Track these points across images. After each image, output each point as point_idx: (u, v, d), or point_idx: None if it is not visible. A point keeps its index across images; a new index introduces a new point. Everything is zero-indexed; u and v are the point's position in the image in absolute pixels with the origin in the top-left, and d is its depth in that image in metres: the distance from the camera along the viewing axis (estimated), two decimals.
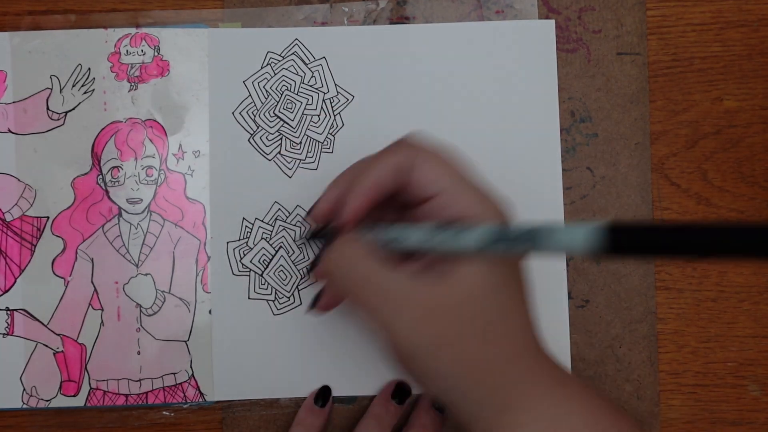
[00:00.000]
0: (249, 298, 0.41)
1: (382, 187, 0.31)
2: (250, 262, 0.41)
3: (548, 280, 0.41)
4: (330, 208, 0.33)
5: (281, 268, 0.41)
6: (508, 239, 0.28)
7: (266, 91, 0.42)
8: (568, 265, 0.41)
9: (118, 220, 0.41)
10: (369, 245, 0.31)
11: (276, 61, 0.42)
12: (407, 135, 0.33)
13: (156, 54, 0.41)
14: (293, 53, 0.42)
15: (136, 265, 0.41)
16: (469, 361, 0.29)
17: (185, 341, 0.41)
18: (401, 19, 0.42)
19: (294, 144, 0.42)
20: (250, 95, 0.42)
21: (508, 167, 0.42)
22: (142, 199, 0.41)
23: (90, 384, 0.41)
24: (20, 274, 0.41)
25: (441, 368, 0.29)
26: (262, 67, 0.42)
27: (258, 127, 0.42)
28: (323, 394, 0.41)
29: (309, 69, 0.42)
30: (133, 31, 0.41)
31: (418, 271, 0.30)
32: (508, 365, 0.30)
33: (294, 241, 0.41)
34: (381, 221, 0.33)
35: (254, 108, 0.42)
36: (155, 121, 0.41)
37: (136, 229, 0.41)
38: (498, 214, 0.30)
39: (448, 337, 0.29)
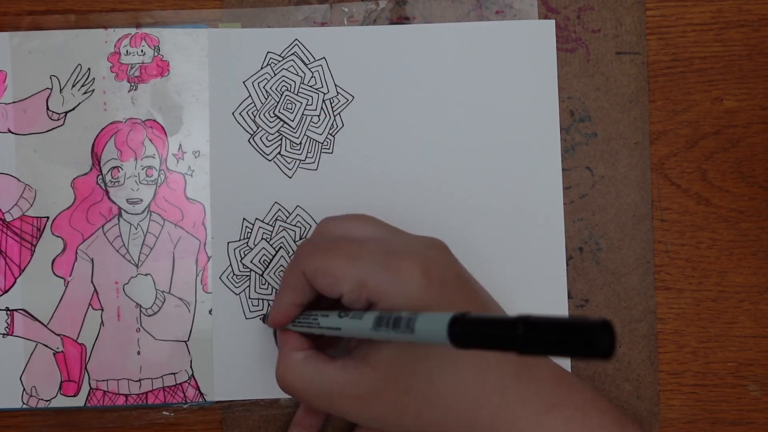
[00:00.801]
0: (249, 298, 0.41)
1: (300, 289, 0.33)
2: (251, 262, 0.41)
3: (548, 280, 0.41)
4: (279, 318, 0.35)
5: (282, 268, 0.41)
6: (387, 325, 0.28)
7: (266, 91, 0.42)
8: (567, 264, 0.41)
9: (118, 221, 0.41)
10: (299, 353, 0.34)
11: (276, 62, 0.42)
12: (300, 245, 0.34)
13: (156, 54, 0.41)
14: (293, 53, 0.42)
15: (136, 265, 0.41)
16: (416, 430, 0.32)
17: (185, 341, 0.41)
18: (401, 20, 0.42)
19: (294, 144, 0.42)
20: (250, 95, 0.42)
21: (508, 167, 0.42)
22: (142, 200, 0.41)
23: (90, 384, 0.41)
24: (20, 274, 0.41)
25: None
26: (262, 68, 0.42)
27: (258, 128, 0.42)
28: None
29: (309, 69, 0.42)
30: (133, 31, 0.41)
31: (346, 362, 0.32)
32: (470, 416, 0.31)
33: (294, 241, 0.42)
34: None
35: (254, 108, 0.42)
36: (155, 121, 0.41)
37: (136, 229, 0.41)
38: (406, 282, 0.31)
39: (385, 417, 0.32)
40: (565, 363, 0.40)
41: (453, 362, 0.31)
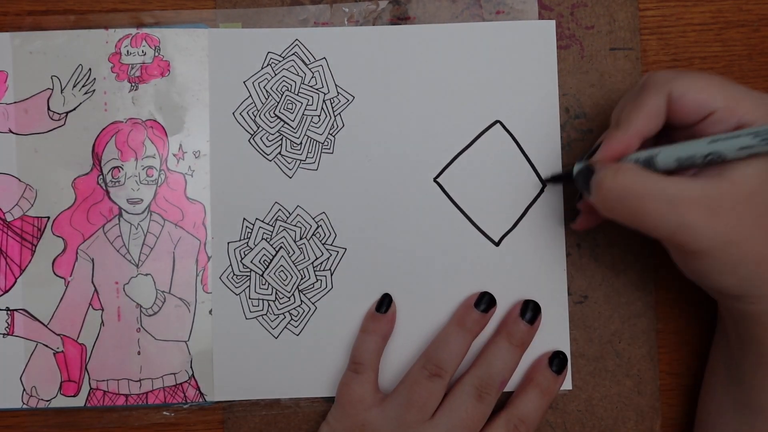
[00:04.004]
0: (249, 298, 0.41)
1: (655, 117, 0.33)
2: (251, 262, 0.41)
3: (547, 277, 0.41)
4: (616, 149, 0.34)
5: (282, 268, 0.41)
6: None
7: (266, 91, 0.42)
8: (567, 261, 0.41)
9: (119, 221, 0.41)
10: (634, 165, 0.32)
11: (276, 62, 0.42)
12: (651, 74, 0.34)
13: (156, 54, 0.42)
14: (294, 54, 0.42)
15: (137, 266, 0.41)
16: (761, 254, 0.30)
17: (185, 341, 0.41)
18: (401, 20, 0.42)
19: (294, 144, 0.42)
20: (250, 95, 0.42)
21: (508, 168, 0.42)
22: (142, 200, 0.41)
23: (90, 384, 0.41)
24: (20, 274, 0.41)
25: (730, 265, 0.31)
26: (262, 68, 0.42)
27: (258, 128, 0.42)
28: (385, 301, 0.40)
29: (309, 69, 0.42)
30: (133, 31, 0.42)
31: (696, 177, 0.31)
32: None
33: (294, 241, 0.42)
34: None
35: (254, 108, 0.42)
36: (156, 121, 0.42)
37: (137, 229, 0.41)
38: None
39: (737, 234, 0.30)
40: None
41: None
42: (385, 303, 0.40)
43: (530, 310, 0.40)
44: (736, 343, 0.35)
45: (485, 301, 0.40)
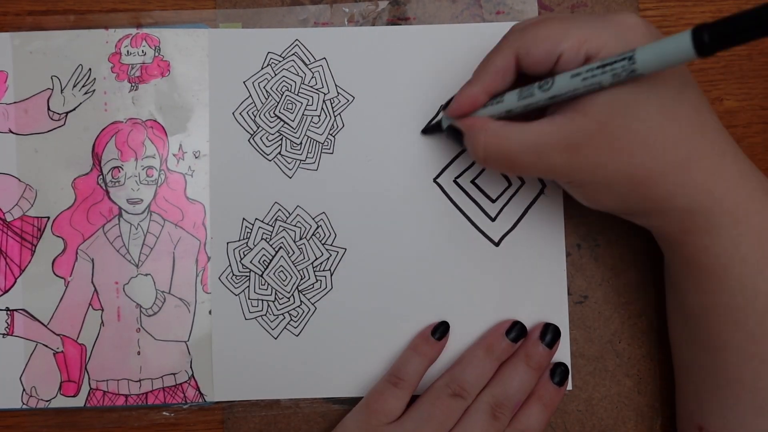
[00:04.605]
0: (249, 298, 0.41)
1: (502, 73, 0.34)
2: (250, 262, 0.41)
3: (547, 277, 0.41)
4: (464, 104, 0.36)
5: (281, 268, 0.41)
6: (608, 70, 0.30)
7: (266, 91, 0.42)
8: (567, 261, 0.41)
9: (119, 221, 0.41)
10: (495, 123, 0.34)
11: (276, 62, 0.42)
12: (511, 28, 0.35)
13: (156, 54, 0.42)
14: (294, 54, 0.42)
15: (137, 266, 0.41)
16: (627, 175, 0.32)
17: (185, 341, 0.41)
18: (401, 20, 0.42)
19: (294, 144, 0.42)
20: (250, 95, 0.42)
21: None
22: (142, 200, 0.41)
23: (90, 384, 0.41)
24: (20, 274, 0.41)
25: (604, 188, 0.33)
26: (262, 68, 0.42)
27: (258, 128, 0.42)
28: (441, 327, 0.41)
29: (309, 69, 0.42)
30: (133, 31, 0.42)
31: (552, 118, 0.33)
32: (689, 141, 0.32)
33: (294, 241, 0.42)
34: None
35: (254, 108, 0.42)
36: (156, 121, 0.42)
37: (137, 229, 0.41)
38: (626, 31, 0.31)
39: (598, 161, 0.32)
40: None
41: (674, 110, 0.31)
42: (440, 330, 0.40)
43: (550, 333, 0.40)
44: (666, 257, 0.37)
45: (516, 331, 0.40)
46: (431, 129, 0.41)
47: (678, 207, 0.32)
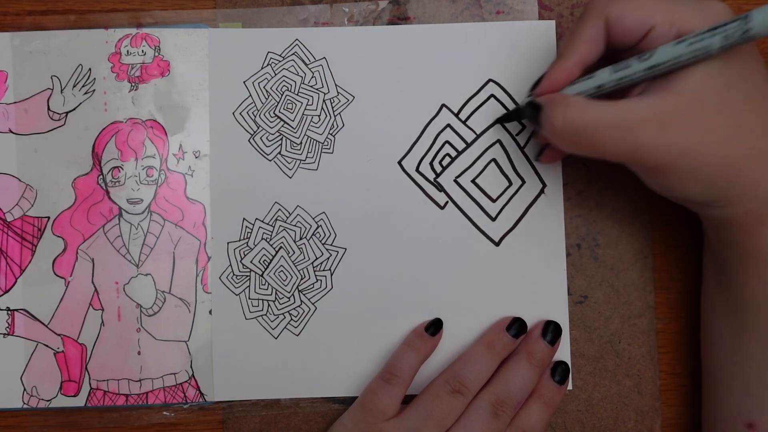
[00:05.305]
0: (249, 298, 0.41)
1: (594, 42, 0.33)
2: (251, 262, 0.41)
3: (547, 277, 0.41)
4: (558, 78, 0.35)
5: (281, 268, 0.41)
6: (719, 32, 0.29)
7: (266, 91, 0.42)
8: (567, 261, 0.41)
9: (119, 221, 0.41)
10: (580, 98, 0.33)
11: (276, 62, 0.42)
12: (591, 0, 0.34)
13: (156, 54, 0.42)
14: (294, 53, 0.42)
15: (137, 266, 0.41)
16: (718, 159, 0.31)
17: (185, 341, 0.41)
18: (401, 20, 0.42)
19: (294, 144, 0.42)
20: (250, 95, 0.42)
21: (508, 168, 0.42)
22: (142, 200, 0.41)
23: (90, 384, 0.41)
24: (21, 274, 0.41)
25: (690, 173, 0.31)
26: (262, 68, 0.42)
27: (258, 128, 0.42)
28: (435, 324, 0.40)
29: (309, 69, 0.42)
30: (133, 31, 0.42)
31: (642, 96, 0.32)
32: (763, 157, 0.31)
33: (294, 241, 0.42)
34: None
35: (254, 108, 0.42)
36: (156, 121, 0.42)
37: (137, 229, 0.41)
38: (716, 16, 0.31)
39: (690, 143, 0.31)
40: None
41: (762, 96, 0.31)
42: (434, 325, 0.40)
43: (552, 331, 0.40)
44: (720, 248, 0.36)
45: (516, 327, 0.40)
46: (508, 117, 0.41)
47: (761, 195, 0.32)
